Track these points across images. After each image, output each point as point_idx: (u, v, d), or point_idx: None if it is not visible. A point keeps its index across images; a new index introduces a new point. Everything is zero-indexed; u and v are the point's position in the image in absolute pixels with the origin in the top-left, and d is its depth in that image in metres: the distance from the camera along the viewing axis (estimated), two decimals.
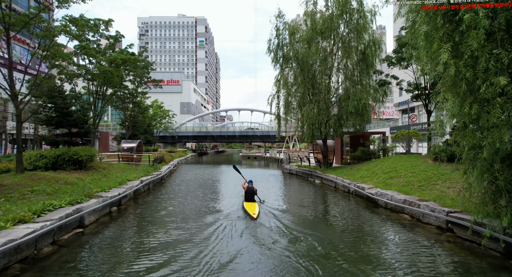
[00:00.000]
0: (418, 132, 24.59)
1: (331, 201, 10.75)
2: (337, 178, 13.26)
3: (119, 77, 15.06)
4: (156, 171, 16.59)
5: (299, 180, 17.36)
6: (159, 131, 40.18)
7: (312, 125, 15.33)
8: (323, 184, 15.00)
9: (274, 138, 57.82)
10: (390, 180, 10.49)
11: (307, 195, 12.32)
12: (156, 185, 14.66)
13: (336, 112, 16.82)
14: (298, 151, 25.68)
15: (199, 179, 17.39)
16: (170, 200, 10.51)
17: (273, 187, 14.80)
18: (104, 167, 13.32)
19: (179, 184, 15.01)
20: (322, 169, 16.48)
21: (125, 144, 18.48)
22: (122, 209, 8.86)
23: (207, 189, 13.18)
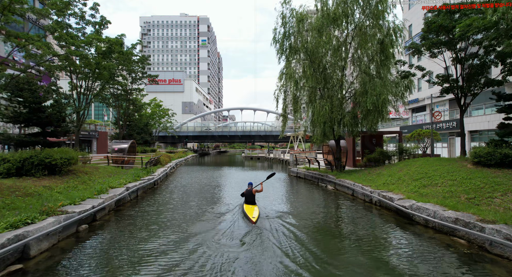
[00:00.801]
0: (437, 132, 22.66)
1: (350, 213, 8.94)
2: (355, 184, 11.44)
3: (107, 70, 13.40)
4: (149, 174, 14.90)
5: (309, 185, 15.55)
6: (158, 131, 38.57)
7: (324, 124, 13.53)
8: (337, 190, 13.18)
9: (277, 138, 56.02)
10: (423, 188, 8.66)
11: (320, 204, 10.53)
12: (147, 191, 12.97)
13: (350, 109, 15.01)
14: (305, 152, 23.91)
15: (197, 184, 15.65)
16: (157, 214, 8.77)
17: (280, 193, 13.04)
18: (87, 171, 11.65)
19: (173, 190, 13.29)
20: (335, 173, 14.66)
21: (116, 144, 16.85)
22: (97, 226, 7.15)
23: (204, 198, 11.43)
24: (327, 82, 14.98)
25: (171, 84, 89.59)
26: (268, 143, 60.36)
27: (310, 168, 18.34)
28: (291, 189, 15.03)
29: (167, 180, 17.30)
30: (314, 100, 14.80)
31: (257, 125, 60.36)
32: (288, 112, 16.43)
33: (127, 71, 20.48)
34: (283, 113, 15.88)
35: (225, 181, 16.84)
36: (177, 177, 19.19)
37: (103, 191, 8.97)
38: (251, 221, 7.29)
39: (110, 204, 8.56)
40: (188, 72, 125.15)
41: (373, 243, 5.97)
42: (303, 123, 16.87)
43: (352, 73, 15.98)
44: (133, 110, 23.30)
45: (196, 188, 13.92)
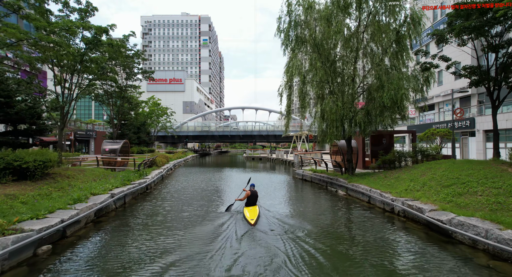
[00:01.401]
0: (451, 131, 21.21)
1: (369, 225, 7.57)
2: (371, 190, 10.05)
3: (94, 63, 12.10)
4: (141, 178, 13.61)
5: (316, 189, 14.19)
6: (156, 131, 37.31)
7: (335, 122, 12.15)
8: (349, 196, 11.80)
9: (280, 138, 54.64)
10: (459, 197, 7.27)
11: (330, 212, 9.17)
12: (137, 197, 11.66)
13: (362, 106, 13.62)
14: (310, 153, 22.53)
15: (194, 188, 14.30)
16: (143, 228, 7.45)
17: (285, 199, 11.70)
18: (70, 175, 10.37)
19: (166, 197, 11.95)
20: (346, 176, 13.28)
21: (107, 144, 15.57)
22: (65, 246, 5.82)
23: (199, 206, 10.07)
24: (337, 76, 13.63)
25: (172, 84, 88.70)
26: (270, 143, 59.01)
27: (317, 170, 16.97)
28: (297, 193, 13.67)
29: (162, 183, 16.00)
30: (323, 96, 13.44)
31: (259, 125, 59.02)
32: (292, 110, 15.08)
33: (122, 67, 19.18)
34: (287, 110, 14.53)
35: (224, 185, 15.48)
36: (173, 179, 17.89)
37: (81, 199, 7.66)
38: (250, 223, 7.22)
39: (88, 215, 7.26)
40: (189, 72, 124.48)
41: (406, 269, 4.61)
42: (310, 121, 15.51)
43: (364, 67, 14.59)
44: (128, 109, 22.00)
45: (192, 194, 12.57)
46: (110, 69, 14.94)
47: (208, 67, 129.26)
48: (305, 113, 14.44)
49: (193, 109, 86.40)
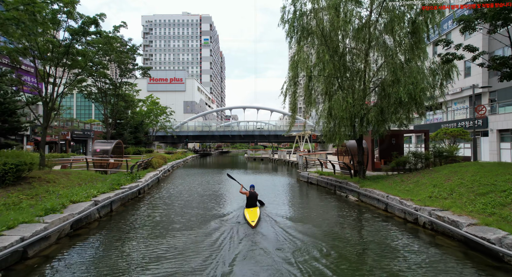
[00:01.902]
0: (466, 130, 20.00)
1: (391, 239, 6.42)
2: (388, 197, 8.89)
3: (80, 55, 11.01)
4: (134, 181, 12.52)
5: (324, 194, 13.03)
6: (155, 131, 36.24)
7: (344, 120, 10.99)
8: (362, 202, 10.63)
9: (282, 138, 53.48)
10: (502, 209, 6.10)
11: (343, 222, 8.03)
12: (127, 203, 10.55)
13: (374, 102, 12.46)
14: (315, 153, 21.33)
15: (190, 193, 13.15)
16: (127, 244, 6.33)
17: (289, 204, 10.58)
18: (51, 179, 9.28)
19: (157, 203, 10.81)
20: (357, 180, 12.12)
21: (98, 145, 14.49)
22: (23, 270, 4.72)
23: (193, 216, 8.90)
24: (346, 71, 12.48)
25: (172, 83, 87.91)
26: (272, 143, 57.90)
27: (324, 172, 15.81)
28: (303, 199, 12.52)
29: (157, 187, 14.89)
30: (331, 92, 12.28)
31: (261, 125, 57.90)
32: (300, 108, 13.91)
33: (116, 63, 18.13)
34: (292, 108, 13.37)
35: (223, 189, 14.32)
36: (170, 182, 16.78)
37: (56, 209, 6.56)
38: (250, 225, 7.11)
39: (62, 229, 6.15)
40: (190, 72, 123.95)
41: None
42: (314, 120, 14.38)
43: (376, 61, 13.44)
44: (123, 107, 20.92)
45: (186, 200, 11.42)
46: (100, 64, 13.84)
47: (209, 67, 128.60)
48: (311, 112, 13.29)
49: (194, 109, 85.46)
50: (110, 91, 19.22)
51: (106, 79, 18.65)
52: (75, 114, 66.26)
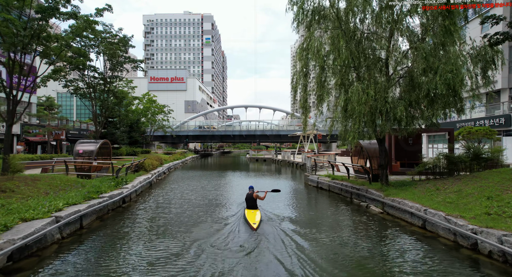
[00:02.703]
0: (494, 130, 18.07)
1: (443, 273, 4.61)
2: (427, 211, 7.04)
3: (52, 40, 9.30)
4: (119, 187, 10.80)
5: (338, 202, 11.23)
6: (153, 130, 34.54)
7: (364, 116, 9.19)
8: (388, 214, 8.81)
9: (285, 138, 51.73)
10: None
11: (370, 245, 6.17)
12: (105, 216, 8.79)
13: (399, 96, 10.62)
14: (323, 154, 19.48)
15: (181, 202, 11.30)
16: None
17: (297, 214, 8.77)
18: (8, 188, 7.55)
19: (141, 216, 9.01)
20: (379, 187, 10.28)
21: (81, 145, 12.80)
22: None
23: (180, 235, 7.18)
24: (365, 59, 10.67)
25: (173, 83, 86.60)
26: (275, 143, 56.11)
27: (336, 176, 13.99)
28: (313, 208, 10.68)
29: (147, 193, 13.15)
30: (347, 84, 10.46)
31: (263, 125, 56.16)
32: (309, 105, 12.08)
33: (105, 55, 16.44)
34: (302, 104, 11.57)
35: (220, 197, 12.43)
36: (163, 188, 15.03)
37: None
38: (252, 227, 6.99)
39: None
40: (192, 71, 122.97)
41: None
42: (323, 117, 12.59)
43: (399, 47, 11.61)
44: (114, 103, 19.19)
45: (176, 212, 9.58)
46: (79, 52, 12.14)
47: (211, 66, 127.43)
48: (321, 108, 11.46)
49: (195, 109, 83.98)
50: (99, 86, 17.54)
51: (94, 73, 16.99)
52: (75, 114, 64.88)
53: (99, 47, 15.56)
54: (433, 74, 8.63)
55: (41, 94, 40.94)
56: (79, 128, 35.48)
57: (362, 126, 9.31)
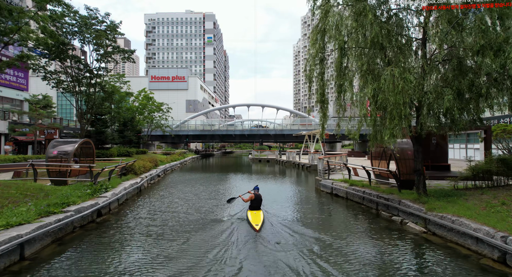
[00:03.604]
0: None
1: None
2: (509, 239, 5.01)
3: (7, 14, 7.42)
4: (96, 196, 8.88)
5: (360, 214, 9.21)
6: (150, 130, 32.66)
7: (401, 107, 7.16)
8: (435, 235, 6.77)
9: (289, 137, 49.66)
10: None
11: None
12: (68, 236, 6.83)
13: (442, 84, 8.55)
14: (335, 155, 17.43)
15: (167, 215, 9.23)
16: None
17: (311, 233, 6.74)
18: None
19: (114, 236, 7.04)
20: (414, 196, 8.22)
21: (57, 146, 10.90)
22: None
23: (160, 265, 5.24)
24: (396, 39, 8.66)
25: (174, 82, 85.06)
26: (279, 143, 54.10)
27: (355, 182, 11.96)
28: (328, 221, 8.61)
29: (132, 202, 11.20)
30: (376, 69, 8.44)
31: (266, 124, 54.15)
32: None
33: (90, 44, 14.55)
34: (319, 97, 9.53)
35: (216, 208, 10.23)
36: (152, 195, 13.07)
37: None
38: (255, 229, 6.91)
39: None
40: (194, 70, 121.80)
41: None
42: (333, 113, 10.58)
43: (437, 24, 9.54)
44: (101, 98, 17.27)
45: (159, 231, 7.60)
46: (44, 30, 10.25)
47: (213, 65, 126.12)
48: (343, 100, 9.42)
49: (197, 108, 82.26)
50: (86, 79, 15.65)
51: (79, 64, 15.11)
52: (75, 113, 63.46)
53: (82, 34, 13.69)
54: (494, 52, 6.59)
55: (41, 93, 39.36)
56: (74, 128, 33.77)
57: (401, 122, 7.28)
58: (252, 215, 7.74)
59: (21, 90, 32.46)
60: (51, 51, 12.20)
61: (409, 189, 10.31)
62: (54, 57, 13.01)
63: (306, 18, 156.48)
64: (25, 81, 33.27)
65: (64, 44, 12.85)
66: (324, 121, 9.67)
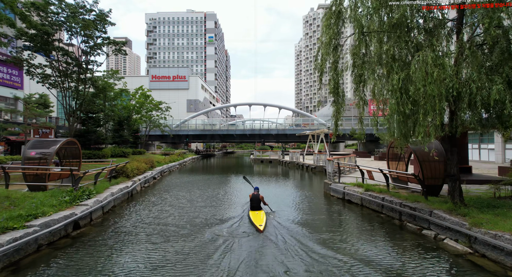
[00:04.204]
0: None
1: None
2: None
3: None
4: (74, 204, 7.64)
5: (381, 225, 7.90)
6: (148, 129, 31.44)
7: (435, 100, 5.87)
8: (485, 257, 5.46)
9: (291, 137, 48.37)
10: None
11: None
12: (31, 256, 5.56)
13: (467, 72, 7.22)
14: (344, 156, 16.11)
15: (161, 227, 7.98)
16: None
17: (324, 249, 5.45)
18: None
19: (90, 255, 5.79)
20: (449, 206, 6.90)
21: (34, 146, 9.66)
22: None
23: None
24: (425, 20, 7.40)
25: (175, 81, 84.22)
26: (282, 144, 52.79)
27: (370, 186, 10.64)
28: (344, 233, 7.28)
29: (122, 209, 9.94)
30: (401, 56, 7.12)
31: (268, 124, 52.85)
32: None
33: (77, 34, 13.33)
34: (333, 89, 8.23)
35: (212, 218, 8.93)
36: (144, 200, 11.79)
37: None
38: (258, 229, 6.86)
39: None
40: (195, 70, 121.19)
41: None
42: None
43: None
44: (92, 95, 16.01)
45: (135, 256, 6.40)
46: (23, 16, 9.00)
47: (214, 65, 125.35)
48: (363, 93, 8.11)
49: (198, 108, 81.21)
50: (74, 74, 14.43)
51: (67, 58, 13.90)
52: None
53: (69, 24, 12.46)
54: None
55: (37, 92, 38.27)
56: None
57: (436, 117, 5.96)
58: (254, 215, 7.83)
59: (15, 89, 31.37)
60: (34, 42, 11.01)
61: (434, 195, 9.01)
62: (37, 49, 11.83)
63: (308, 17, 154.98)
64: (20, 79, 32.17)
65: (48, 34, 11.65)
66: (338, 117, 8.37)
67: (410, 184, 11.11)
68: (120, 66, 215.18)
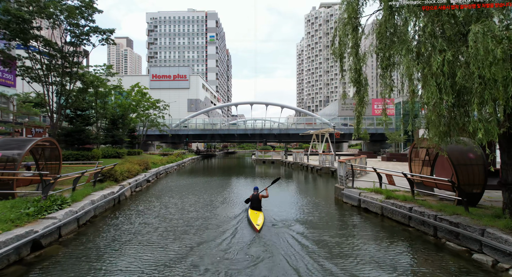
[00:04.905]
0: None
1: None
2: None
3: None
4: (38, 217, 6.26)
5: (410, 242, 6.46)
6: (145, 129, 30.08)
7: (494, 85, 4.42)
8: None
9: (294, 137, 46.92)
10: None
11: None
12: None
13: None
14: (354, 157, 14.65)
15: (143, 248, 6.67)
16: None
17: None
18: None
19: None
20: (507, 223, 5.43)
21: (2, 146, 8.31)
22: None
23: None
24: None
25: (176, 80, 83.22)
26: (285, 144, 51.33)
27: (390, 193, 9.17)
28: (358, 253, 5.78)
29: (102, 220, 8.53)
30: (445, 31, 5.66)
31: (270, 123, 51.45)
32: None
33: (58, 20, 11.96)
34: (354, 76, 6.79)
35: (211, 235, 7.76)
36: (132, 208, 10.38)
37: None
38: (255, 229, 6.89)
39: None
40: (196, 70, 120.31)
41: None
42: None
43: None
44: (79, 90, 14.63)
45: None
46: None
47: (215, 64, 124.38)
48: (391, 80, 6.66)
49: (199, 107, 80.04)
50: (59, 67, 13.06)
51: (50, 49, 12.55)
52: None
53: (49, 9, 11.10)
54: None
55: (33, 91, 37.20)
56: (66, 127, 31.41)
57: (497, 109, 4.52)
58: (253, 214, 7.89)
59: (8, 87, 30.19)
60: (9, 30, 9.70)
61: (473, 205, 7.53)
62: (12, 37, 10.49)
63: (310, 16, 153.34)
64: (12, 77, 31.01)
65: (25, 21, 10.30)
66: (361, 110, 6.90)
67: (436, 190, 9.64)
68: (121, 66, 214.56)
